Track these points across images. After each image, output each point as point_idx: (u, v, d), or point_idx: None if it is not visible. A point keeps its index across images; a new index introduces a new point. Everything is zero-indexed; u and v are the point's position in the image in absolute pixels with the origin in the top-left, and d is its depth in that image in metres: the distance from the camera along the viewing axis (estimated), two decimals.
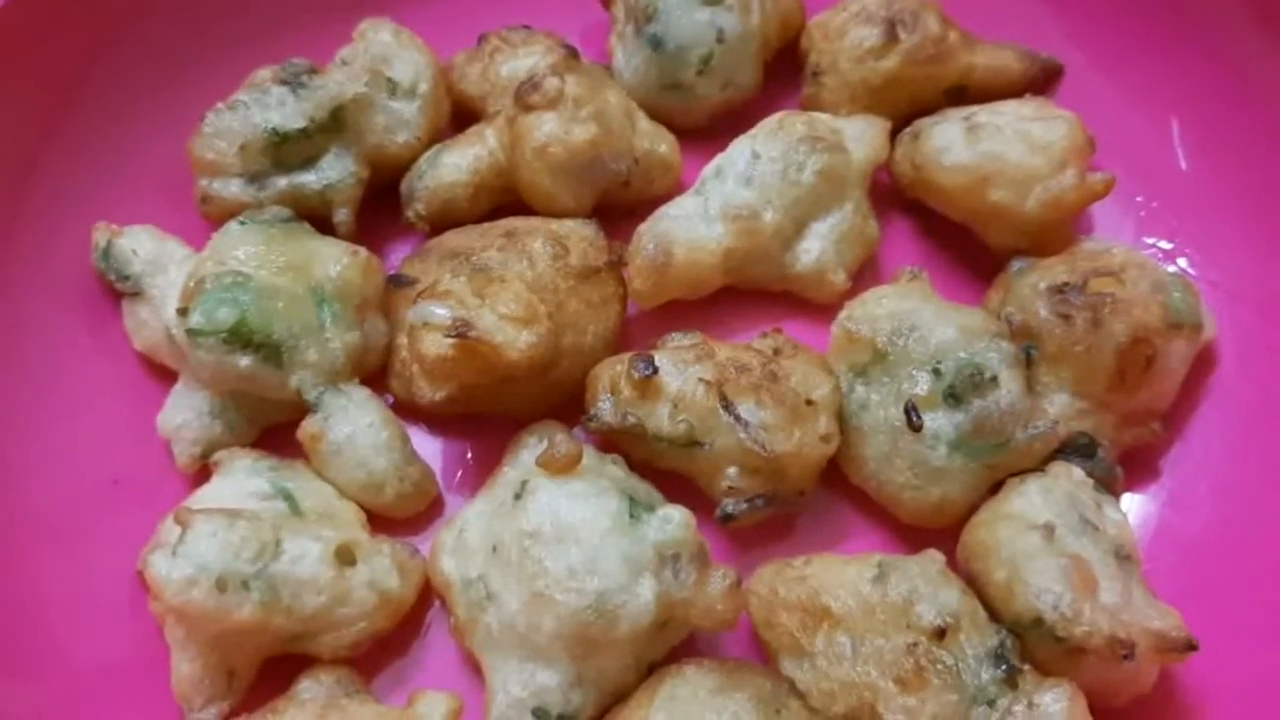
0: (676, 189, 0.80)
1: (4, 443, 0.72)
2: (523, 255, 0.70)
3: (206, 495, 0.66)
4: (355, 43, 0.79)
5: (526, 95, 0.74)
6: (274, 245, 0.70)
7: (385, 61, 0.78)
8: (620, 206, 0.80)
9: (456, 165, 0.77)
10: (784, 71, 0.86)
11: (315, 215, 0.76)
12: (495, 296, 0.66)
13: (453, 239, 0.74)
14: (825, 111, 0.81)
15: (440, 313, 0.65)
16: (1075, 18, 0.84)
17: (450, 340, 0.64)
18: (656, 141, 0.80)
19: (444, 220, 0.77)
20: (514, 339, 0.65)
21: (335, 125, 0.76)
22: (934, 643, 0.59)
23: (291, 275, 0.69)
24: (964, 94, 0.81)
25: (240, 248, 0.69)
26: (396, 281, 0.73)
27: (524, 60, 0.80)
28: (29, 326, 0.75)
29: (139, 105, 0.82)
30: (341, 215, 0.77)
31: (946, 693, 0.58)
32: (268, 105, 0.75)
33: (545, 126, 0.74)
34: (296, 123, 0.75)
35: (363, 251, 0.72)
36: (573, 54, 0.79)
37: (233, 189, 0.76)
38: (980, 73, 0.82)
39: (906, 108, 0.82)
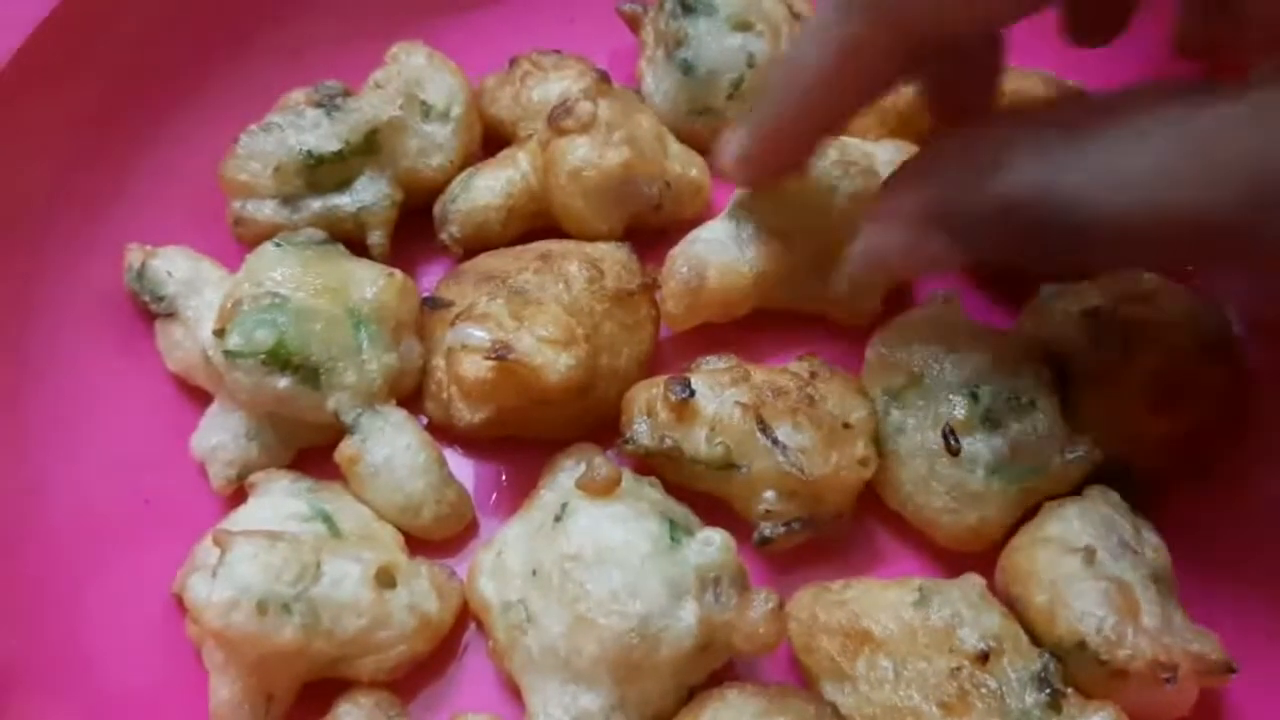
0: (707, 212, 0.81)
1: (36, 463, 0.71)
2: (559, 278, 0.70)
3: (244, 517, 0.66)
4: (388, 65, 0.80)
5: (560, 119, 0.75)
6: (310, 267, 0.70)
7: (419, 85, 0.79)
8: (651, 229, 0.80)
9: (489, 188, 0.78)
10: None
11: (349, 238, 0.76)
12: (533, 319, 0.66)
13: (488, 262, 0.75)
14: (853, 135, 0.82)
15: (479, 335, 0.65)
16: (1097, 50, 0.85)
17: (489, 363, 0.64)
18: (687, 165, 0.80)
19: (477, 243, 0.77)
20: (553, 361, 0.65)
21: (369, 148, 0.76)
22: (977, 667, 0.59)
23: (328, 297, 0.69)
24: None
25: (277, 269, 0.69)
26: (433, 304, 0.73)
27: (555, 84, 0.81)
28: (61, 348, 0.75)
29: (170, 126, 0.82)
30: (376, 238, 0.77)
31: (990, 717, 0.58)
32: (302, 128, 0.76)
33: (579, 151, 0.74)
34: (331, 145, 0.75)
35: (398, 274, 0.72)
36: (604, 78, 0.80)
37: (266, 211, 0.76)
38: (1008, 98, 0.82)
39: (927, 131, 0.82)
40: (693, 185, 0.80)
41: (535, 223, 0.79)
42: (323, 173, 0.75)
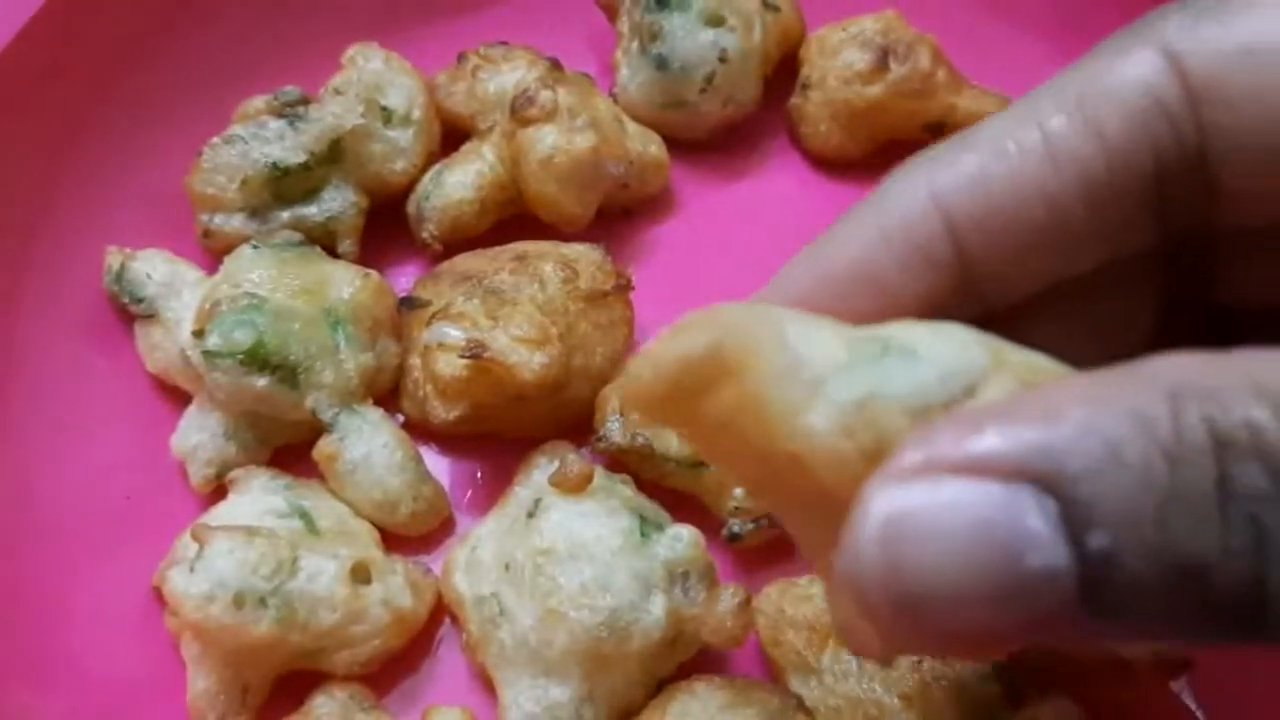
0: (669, 188, 0.85)
1: (19, 463, 0.72)
2: (534, 278, 0.71)
3: (223, 513, 0.67)
4: (346, 70, 0.80)
5: (523, 110, 0.76)
6: (287, 269, 0.71)
7: (378, 90, 0.80)
8: (619, 206, 0.83)
9: (460, 183, 0.79)
10: (782, 81, 0.88)
11: (319, 244, 0.76)
12: (508, 319, 0.68)
13: (464, 262, 0.76)
14: (805, 125, 0.85)
15: (454, 334, 0.67)
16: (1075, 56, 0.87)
17: (465, 361, 0.65)
18: (646, 142, 0.83)
19: (455, 237, 0.79)
20: (527, 360, 0.66)
21: (333, 157, 0.77)
22: (937, 659, 0.61)
23: (305, 298, 0.70)
24: (942, 130, 0.84)
25: (254, 271, 0.71)
26: (410, 304, 0.74)
27: (508, 75, 0.82)
28: (42, 350, 0.76)
29: (148, 133, 0.83)
30: (346, 245, 0.78)
31: (950, 708, 0.59)
32: (266, 139, 0.76)
33: (547, 139, 0.76)
34: (297, 157, 0.76)
35: (374, 275, 0.73)
36: (556, 65, 0.81)
37: (235, 224, 0.76)
38: (960, 114, 0.84)
39: (884, 135, 0.85)
40: (654, 162, 0.83)
41: (508, 211, 0.80)
42: (289, 183, 0.76)
